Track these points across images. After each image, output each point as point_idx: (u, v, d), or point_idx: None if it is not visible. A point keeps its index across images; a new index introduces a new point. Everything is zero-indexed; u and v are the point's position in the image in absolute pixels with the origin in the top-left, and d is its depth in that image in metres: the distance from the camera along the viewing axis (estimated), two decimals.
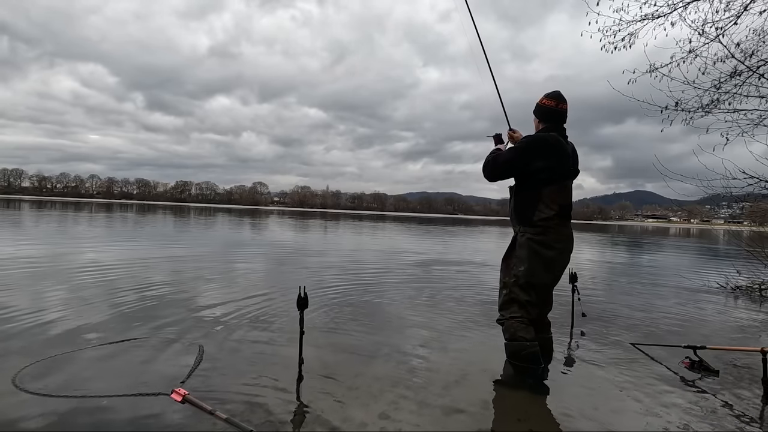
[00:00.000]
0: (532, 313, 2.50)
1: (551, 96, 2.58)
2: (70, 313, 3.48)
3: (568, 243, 2.56)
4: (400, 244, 13.31)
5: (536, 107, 2.64)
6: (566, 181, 2.54)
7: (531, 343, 2.42)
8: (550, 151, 2.44)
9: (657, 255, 13.59)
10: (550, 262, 2.47)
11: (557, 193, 2.47)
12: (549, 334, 2.73)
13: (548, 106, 2.57)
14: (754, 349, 2.53)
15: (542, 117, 2.61)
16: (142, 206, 64.84)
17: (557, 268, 2.54)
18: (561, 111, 2.57)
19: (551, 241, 2.46)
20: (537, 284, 2.49)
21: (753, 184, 5.01)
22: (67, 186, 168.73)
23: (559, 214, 2.46)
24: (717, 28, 4.91)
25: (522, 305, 2.49)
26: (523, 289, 2.49)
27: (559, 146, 2.47)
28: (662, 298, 5.37)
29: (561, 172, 2.48)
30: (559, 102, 2.56)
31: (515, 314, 2.48)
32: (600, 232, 35.90)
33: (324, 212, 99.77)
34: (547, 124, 2.58)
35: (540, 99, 2.62)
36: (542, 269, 2.47)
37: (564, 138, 2.55)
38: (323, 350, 2.85)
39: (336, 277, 5.98)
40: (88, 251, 7.73)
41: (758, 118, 4.94)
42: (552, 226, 2.45)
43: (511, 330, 2.47)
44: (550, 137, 2.48)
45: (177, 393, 1.98)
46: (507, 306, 2.53)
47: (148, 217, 25.58)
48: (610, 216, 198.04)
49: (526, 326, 2.46)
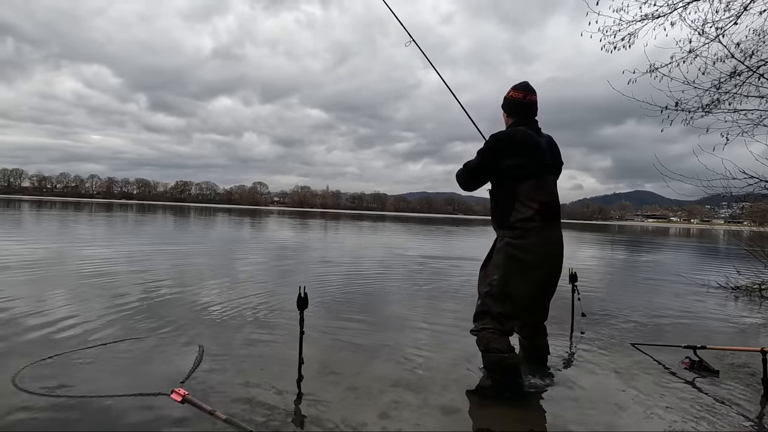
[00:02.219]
0: (506, 325, 2.28)
1: (518, 87, 2.41)
2: (70, 312, 3.47)
3: (554, 248, 2.32)
4: (400, 243, 13.31)
5: (504, 101, 2.47)
6: (545, 176, 2.32)
7: (509, 354, 2.22)
8: (518, 147, 2.26)
9: (657, 255, 13.58)
10: (529, 270, 2.23)
11: (535, 190, 2.25)
12: (544, 340, 2.62)
13: (515, 99, 2.40)
14: (754, 349, 2.53)
15: (510, 111, 2.44)
16: (142, 206, 64.85)
17: (540, 277, 2.28)
18: (529, 102, 2.38)
19: (531, 246, 2.21)
20: (513, 294, 2.23)
21: (753, 184, 5.01)
22: (67, 186, 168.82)
23: (541, 213, 2.23)
24: (717, 28, 4.91)
25: (494, 317, 2.26)
26: (496, 299, 2.26)
27: (528, 140, 2.27)
28: (662, 298, 5.37)
29: (535, 167, 2.26)
30: (527, 93, 2.39)
31: (487, 326, 2.27)
32: (600, 232, 35.89)
33: (324, 212, 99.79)
34: (516, 118, 2.41)
35: (507, 92, 2.45)
36: (519, 277, 2.22)
37: (536, 131, 2.38)
38: (323, 350, 2.85)
39: (336, 277, 5.98)
40: (88, 250, 7.72)
41: (758, 118, 4.94)
42: (532, 228, 2.22)
43: (484, 341, 2.27)
44: (516, 132, 2.30)
45: (177, 393, 1.98)
46: (479, 317, 2.33)
47: (147, 216, 25.58)
48: (610, 216, 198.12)
49: (499, 337, 2.25)
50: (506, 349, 2.23)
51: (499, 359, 2.22)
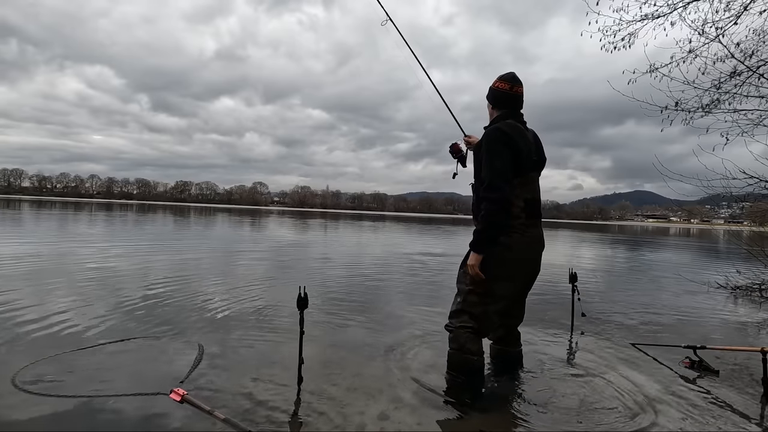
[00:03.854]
0: (485, 325, 2.22)
1: (505, 78, 2.30)
2: (70, 312, 3.47)
3: (537, 247, 2.28)
4: (400, 242, 13.30)
5: (489, 92, 2.36)
6: (530, 173, 2.24)
7: (478, 358, 2.17)
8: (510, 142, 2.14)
9: (657, 255, 13.58)
10: (512, 268, 2.18)
11: (521, 187, 2.18)
12: (519, 347, 2.55)
13: (502, 90, 2.29)
14: (754, 349, 2.53)
15: (496, 102, 2.33)
16: (142, 206, 64.86)
17: (523, 276, 2.26)
18: (516, 94, 2.28)
19: (515, 244, 2.16)
20: (497, 293, 2.18)
21: (753, 184, 5.00)
22: (66, 186, 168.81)
23: (526, 211, 2.18)
24: (717, 28, 4.91)
25: (474, 317, 2.19)
26: (480, 297, 2.18)
27: (518, 134, 2.17)
28: (662, 298, 5.37)
29: (522, 163, 2.16)
30: (514, 84, 2.28)
31: (465, 324, 2.19)
32: (600, 232, 35.90)
33: (324, 212, 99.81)
34: (503, 110, 2.29)
35: (493, 82, 2.35)
36: (502, 276, 2.16)
37: (523, 124, 2.29)
38: (323, 350, 2.85)
39: (336, 277, 5.98)
40: (87, 250, 7.72)
41: (758, 118, 4.94)
42: (517, 226, 2.16)
43: (459, 340, 2.19)
44: (506, 126, 2.17)
45: (176, 393, 1.98)
46: (458, 315, 2.23)
47: (147, 216, 25.58)
48: (610, 216, 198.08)
49: (476, 338, 2.19)
50: (478, 352, 2.19)
51: (469, 361, 2.17)
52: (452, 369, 2.25)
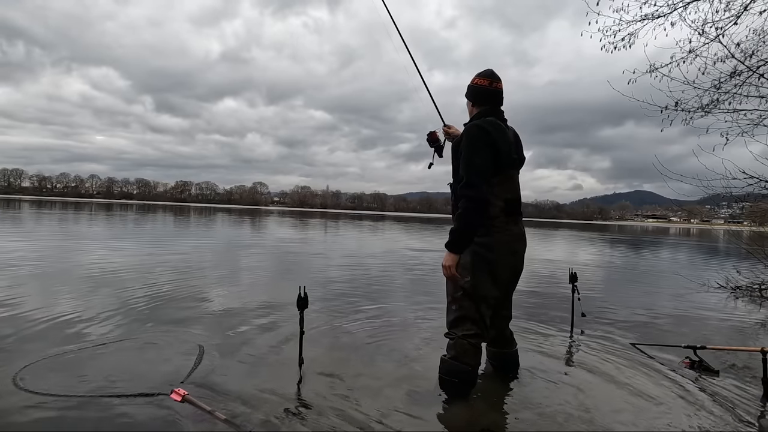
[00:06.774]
0: (486, 328, 2.19)
1: (484, 74, 2.28)
2: (70, 312, 3.47)
3: (519, 244, 2.26)
4: (400, 242, 13.30)
5: (468, 89, 2.34)
6: (510, 171, 2.22)
7: (473, 368, 2.14)
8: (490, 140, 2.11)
9: (657, 255, 13.58)
10: (497, 268, 2.16)
11: (500, 186, 2.16)
12: (514, 347, 2.53)
13: (481, 86, 2.27)
14: (754, 349, 2.53)
15: (475, 99, 2.31)
16: (142, 206, 64.85)
17: (508, 275, 2.24)
18: (496, 90, 2.26)
19: (497, 244, 2.13)
20: (487, 295, 2.15)
21: (753, 184, 5.00)
22: (66, 186, 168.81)
23: (506, 211, 2.17)
24: (717, 28, 4.90)
25: (475, 321, 2.14)
26: (474, 301, 2.13)
27: (498, 132, 2.14)
28: (662, 298, 5.37)
29: (502, 162, 2.14)
30: (493, 81, 2.26)
31: (468, 332, 2.13)
32: (600, 231, 35.89)
33: (324, 212, 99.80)
34: (482, 107, 2.28)
35: (472, 79, 2.32)
36: (489, 277, 2.14)
37: (503, 122, 2.27)
38: (323, 350, 2.85)
39: (336, 277, 5.98)
40: (87, 250, 7.72)
41: (758, 118, 4.94)
42: (498, 225, 2.14)
43: (459, 349, 2.12)
44: (486, 124, 2.13)
45: (176, 393, 1.98)
46: (459, 323, 2.16)
47: (148, 216, 25.58)
48: (610, 216, 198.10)
49: (475, 350, 2.14)
50: (476, 363, 2.15)
51: (465, 371, 2.12)
52: (446, 375, 2.18)
